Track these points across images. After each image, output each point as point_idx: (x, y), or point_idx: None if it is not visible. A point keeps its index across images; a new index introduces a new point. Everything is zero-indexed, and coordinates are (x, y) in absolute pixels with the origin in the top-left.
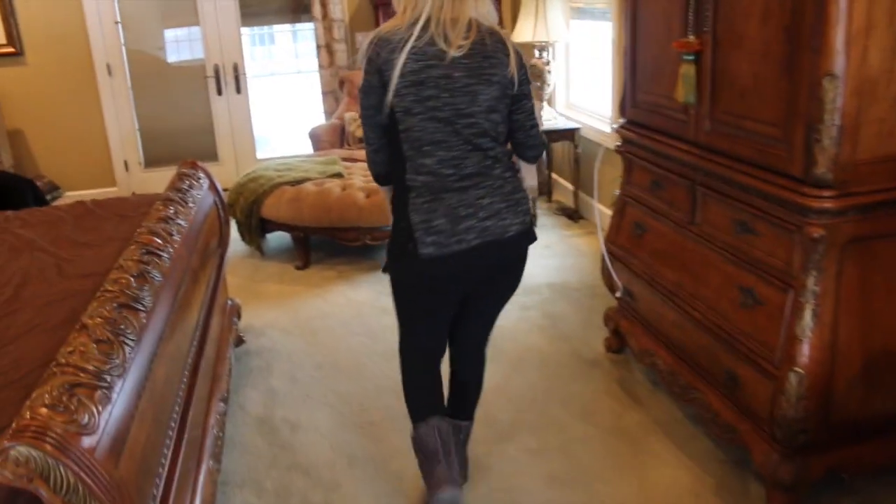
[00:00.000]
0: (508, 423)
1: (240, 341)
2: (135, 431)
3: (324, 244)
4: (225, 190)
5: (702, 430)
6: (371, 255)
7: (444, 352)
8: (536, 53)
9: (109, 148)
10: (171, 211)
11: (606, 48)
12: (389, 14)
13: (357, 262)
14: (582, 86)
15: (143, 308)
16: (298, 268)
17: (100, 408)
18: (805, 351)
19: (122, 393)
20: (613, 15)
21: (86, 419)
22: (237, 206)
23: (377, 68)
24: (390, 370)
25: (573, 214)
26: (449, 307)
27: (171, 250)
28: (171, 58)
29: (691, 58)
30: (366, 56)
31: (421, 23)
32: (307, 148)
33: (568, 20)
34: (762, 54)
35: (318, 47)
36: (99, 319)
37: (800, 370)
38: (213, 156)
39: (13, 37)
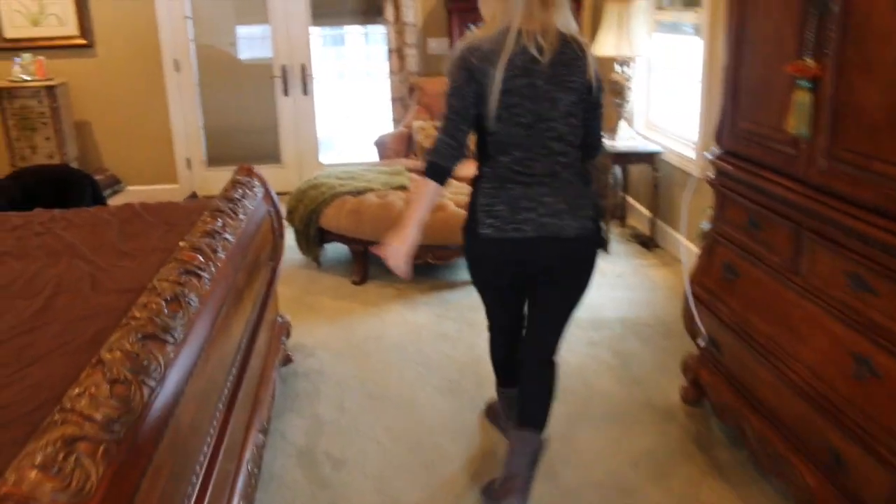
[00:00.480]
0: (572, 480)
1: (287, 360)
2: (146, 489)
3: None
4: (285, 193)
5: None
6: (432, 275)
7: (519, 329)
8: (617, 68)
9: (173, 144)
10: (219, 224)
11: (694, 66)
12: (463, 20)
13: (417, 281)
14: (664, 105)
15: (172, 340)
16: (355, 283)
17: (101, 468)
18: None
19: (134, 446)
20: (704, 30)
21: (82, 485)
22: (296, 214)
23: (468, 69)
24: (446, 407)
25: (648, 242)
26: (510, 288)
27: (213, 269)
28: (244, 55)
29: (808, 84)
30: (456, 59)
31: (511, 33)
32: (373, 154)
33: (651, 34)
34: None
35: (389, 51)
36: (118, 354)
37: None
38: (275, 157)
39: (85, 28)
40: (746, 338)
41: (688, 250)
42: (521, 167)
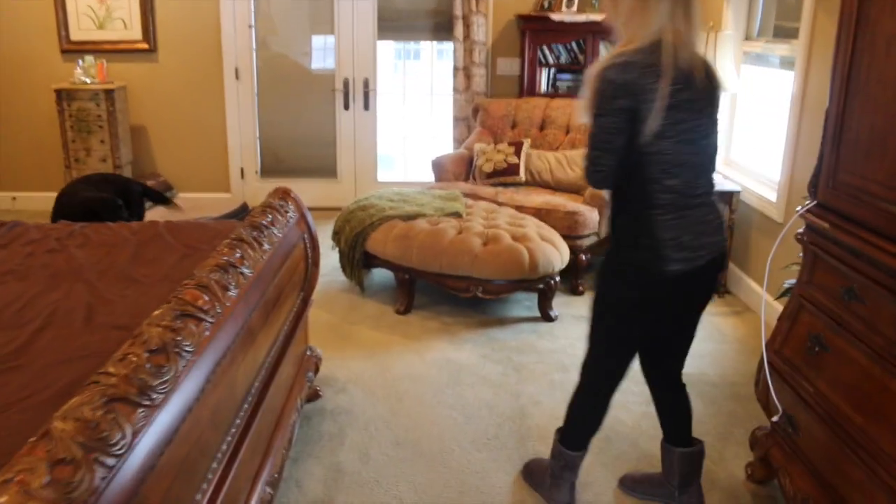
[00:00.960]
0: None
1: (315, 396)
2: None
3: (430, 288)
4: (339, 209)
5: None
6: (480, 309)
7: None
8: None
9: (228, 153)
10: (237, 255)
11: (782, 101)
12: (536, 41)
13: (464, 315)
14: (745, 142)
15: (148, 402)
16: (399, 312)
17: None
18: None
19: None
20: (799, 64)
21: None
22: (342, 235)
23: (625, 90)
24: (479, 464)
25: (718, 287)
26: (663, 325)
27: (219, 310)
28: (315, 65)
29: None
30: (606, 80)
31: (666, 47)
32: (432, 175)
33: (739, 66)
34: None
35: (456, 69)
36: (72, 424)
37: None
38: (332, 172)
39: (149, 33)
40: (834, 426)
41: (767, 306)
42: (692, 188)
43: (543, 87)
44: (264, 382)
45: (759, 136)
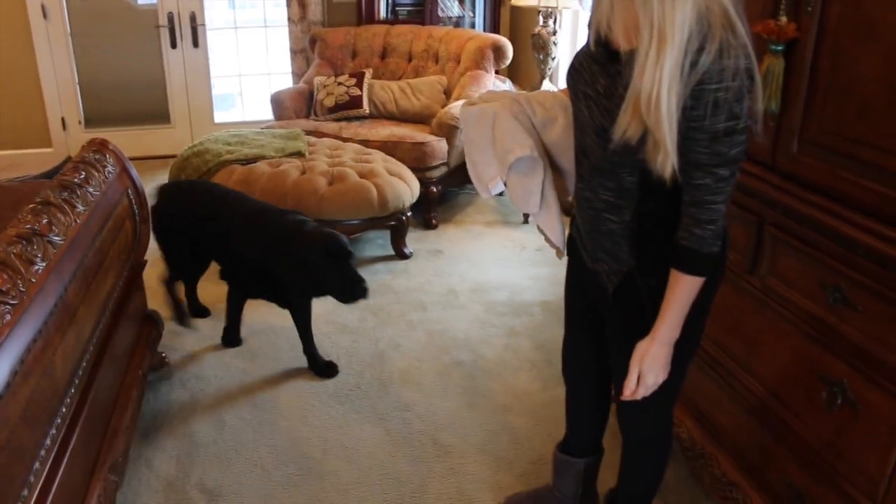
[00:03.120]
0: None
1: (162, 363)
2: None
3: None
4: (174, 157)
5: None
6: None
7: None
8: (540, 21)
9: (45, 103)
10: (43, 221)
11: None
12: None
13: None
14: None
15: None
16: None
17: None
18: None
19: None
20: None
21: None
22: None
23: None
24: (342, 418)
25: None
26: None
27: (22, 289)
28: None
29: (779, 48)
30: (741, 70)
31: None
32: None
33: None
34: None
35: None
36: None
37: None
38: (164, 117)
39: None
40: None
41: None
42: None
43: (383, 14)
44: (94, 361)
45: None
